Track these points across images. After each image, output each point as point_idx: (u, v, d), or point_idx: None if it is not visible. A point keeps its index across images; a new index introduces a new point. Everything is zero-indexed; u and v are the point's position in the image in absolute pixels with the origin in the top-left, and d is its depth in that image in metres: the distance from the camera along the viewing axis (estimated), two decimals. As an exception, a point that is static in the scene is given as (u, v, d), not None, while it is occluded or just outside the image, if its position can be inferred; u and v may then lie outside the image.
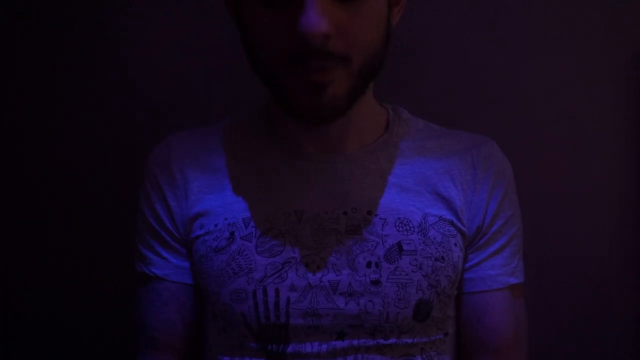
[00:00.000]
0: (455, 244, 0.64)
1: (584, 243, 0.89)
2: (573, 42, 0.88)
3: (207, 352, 0.68)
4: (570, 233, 0.89)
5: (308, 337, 0.61)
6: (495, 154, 0.69)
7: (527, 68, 0.88)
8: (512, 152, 0.72)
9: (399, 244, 0.62)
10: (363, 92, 0.61)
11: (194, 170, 0.67)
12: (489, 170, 0.67)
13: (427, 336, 0.63)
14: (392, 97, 0.75)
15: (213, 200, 0.65)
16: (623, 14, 0.87)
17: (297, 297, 0.61)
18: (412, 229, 0.63)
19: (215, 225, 0.64)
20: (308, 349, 0.61)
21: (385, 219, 0.63)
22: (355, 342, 0.61)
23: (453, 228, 0.65)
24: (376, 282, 0.61)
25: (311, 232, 0.62)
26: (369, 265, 0.62)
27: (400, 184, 0.65)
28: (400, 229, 0.63)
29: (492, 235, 0.67)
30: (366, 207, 0.64)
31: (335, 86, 0.55)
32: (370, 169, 0.66)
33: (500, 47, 0.89)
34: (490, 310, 0.66)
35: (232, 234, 0.63)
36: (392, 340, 0.61)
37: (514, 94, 0.89)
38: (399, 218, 0.63)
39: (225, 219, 0.64)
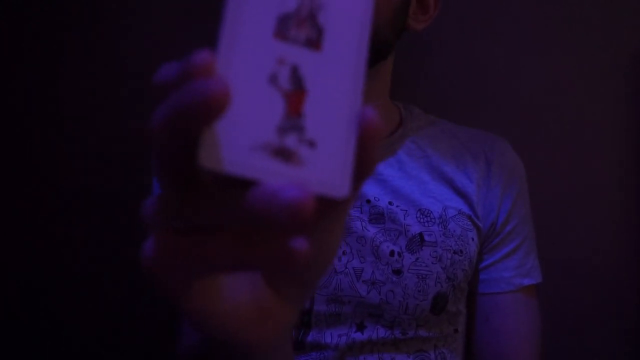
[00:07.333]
0: (473, 239, 0.65)
1: (584, 243, 0.89)
2: (573, 41, 0.88)
3: None
4: (570, 233, 0.89)
5: (329, 325, 0.60)
6: (508, 152, 0.70)
7: (527, 67, 0.89)
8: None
9: (421, 235, 0.62)
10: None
11: None
12: (502, 168, 0.68)
13: (440, 330, 0.63)
14: (396, 97, 0.75)
15: None
16: (623, 13, 0.87)
17: (323, 282, 0.60)
18: (433, 220, 0.63)
19: None
20: (328, 339, 0.60)
21: (407, 210, 0.64)
22: (373, 336, 0.60)
23: (470, 223, 0.65)
24: (398, 272, 0.61)
25: None
26: (392, 254, 0.61)
27: (419, 177, 0.66)
28: (422, 219, 0.63)
29: (506, 235, 0.67)
30: (387, 197, 0.64)
31: None
32: (390, 161, 0.66)
33: (500, 47, 0.89)
34: (499, 311, 0.66)
35: None
36: (410, 334, 0.61)
37: (513, 94, 0.89)
38: (420, 209, 0.64)
39: None
